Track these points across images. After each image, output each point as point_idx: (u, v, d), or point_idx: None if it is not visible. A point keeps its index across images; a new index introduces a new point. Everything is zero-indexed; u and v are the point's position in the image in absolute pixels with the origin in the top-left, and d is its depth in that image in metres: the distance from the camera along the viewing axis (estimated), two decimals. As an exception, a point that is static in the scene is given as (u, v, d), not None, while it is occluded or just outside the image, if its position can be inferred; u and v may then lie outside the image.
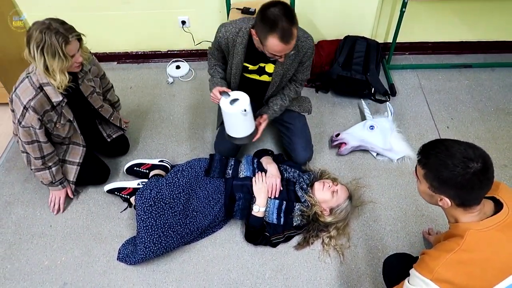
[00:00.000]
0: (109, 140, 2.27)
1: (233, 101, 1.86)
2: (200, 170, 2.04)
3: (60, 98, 1.86)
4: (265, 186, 1.98)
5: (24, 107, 1.80)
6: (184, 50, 3.05)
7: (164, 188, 1.91)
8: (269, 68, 1.99)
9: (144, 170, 2.23)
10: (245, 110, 1.83)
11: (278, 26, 1.64)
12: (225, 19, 2.75)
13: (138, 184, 2.16)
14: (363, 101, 2.60)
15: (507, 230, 1.21)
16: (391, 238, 2.05)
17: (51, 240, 2.06)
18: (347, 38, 2.79)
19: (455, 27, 2.96)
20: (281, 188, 2.01)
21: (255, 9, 2.55)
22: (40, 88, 1.81)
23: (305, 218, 1.99)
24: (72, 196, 2.18)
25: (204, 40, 2.95)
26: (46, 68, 1.74)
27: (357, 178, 2.30)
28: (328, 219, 1.98)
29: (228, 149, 2.23)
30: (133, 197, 2.05)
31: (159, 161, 2.29)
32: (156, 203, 1.86)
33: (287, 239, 2.02)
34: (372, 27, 2.92)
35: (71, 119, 2.01)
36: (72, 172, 2.13)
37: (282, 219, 1.97)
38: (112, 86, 2.34)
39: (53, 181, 2.06)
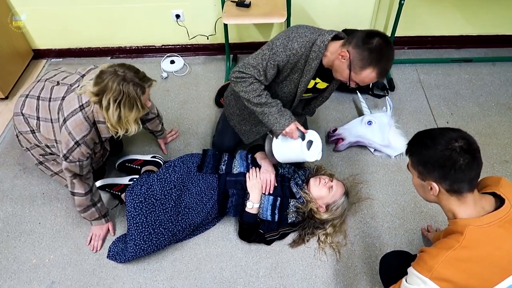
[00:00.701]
0: (103, 140, 2.21)
1: (309, 143, 1.84)
2: (192, 165, 1.98)
3: (111, 134, 1.78)
4: (259, 182, 1.93)
5: (76, 143, 1.69)
6: (178, 45, 2.99)
7: (155, 184, 1.85)
8: (321, 84, 1.88)
9: (136, 166, 2.18)
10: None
11: (381, 62, 1.53)
12: (219, 13, 2.69)
13: (130, 181, 2.12)
14: (360, 96, 2.54)
15: (509, 226, 1.16)
16: (389, 236, 1.99)
17: (40, 237, 2.01)
18: (344, 31, 2.72)
19: (455, 20, 2.90)
20: (276, 184, 1.96)
21: (250, 2, 2.49)
22: (94, 123, 1.72)
23: (300, 215, 1.94)
24: (113, 234, 2.00)
25: (199, 34, 2.89)
26: (119, 119, 1.65)
27: (354, 174, 2.25)
28: (324, 216, 1.92)
29: (228, 147, 2.18)
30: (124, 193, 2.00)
31: (152, 157, 2.23)
32: (147, 200, 1.81)
33: (282, 236, 1.96)
34: (370, 20, 2.86)
35: (108, 148, 1.97)
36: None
37: (276, 216, 1.92)
38: (156, 116, 2.16)
39: (99, 217, 1.94)
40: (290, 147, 1.79)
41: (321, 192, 1.93)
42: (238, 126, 2.13)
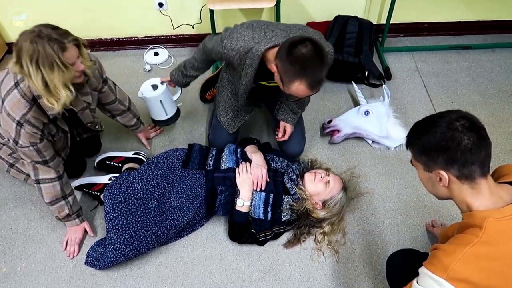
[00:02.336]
0: (78, 138, 2.03)
1: (154, 86, 2.05)
2: (177, 161, 1.82)
3: (57, 110, 1.56)
4: (250, 178, 1.77)
5: (18, 123, 1.52)
6: (162, 36, 2.83)
7: (135, 182, 1.68)
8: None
9: (117, 164, 2.01)
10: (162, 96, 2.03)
11: (308, 71, 1.38)
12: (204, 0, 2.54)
13: (110, 179, 1.95)
14: (355, 85, 2.40)
15: None
16: (391, 232, 1.85)
17: (11, 244, 1.83)
18: (338, 18, 2.59)
19: (453, 6, 2.78)
20: (268, 180, 1.80)
21: (236, -14, 2.34)
22: (34, 100, 1.54)
23: (295, 213, 1.79)
24: (92, 235, 1.84)
25: (183, 23, 2.73)
26: (46, 84, 1.45)
27: (351, 167, 2.10)
28: (321, 214, 1.78)
29: (225, 142, 1.99)
30: (104, 193, 1.83)
31: (134, 154, 2.07)
32: (127, 199, 1.64)
33: (276, 236, 1.81)
34: (364, 7, 2.73)
35: (67, 129, 1.77)
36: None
37: (269, 214, 1.76)
38: (127, 109, 2.03)
39: (70, 214, 1.76)
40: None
41: (318, 187, 1.79)
42: (224, 115, 2.00)
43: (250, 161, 1.85)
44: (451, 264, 1.00)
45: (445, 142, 1.04)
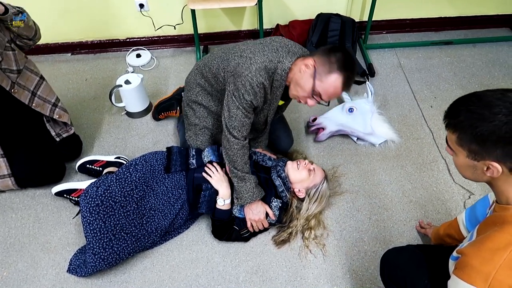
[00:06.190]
0: (58, 139, 1.99)
1: (127, 82, 2.22)
2: (156, 163, 1.77)
3: None
4: (223, 175, 1.75)
5: None
6: (144, 37, 2.79)
7: (113, 185, 1.64)
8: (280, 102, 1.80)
9: (97, 168, 1.97)
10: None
11: (347, 71, 1.51)
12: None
13: (91, 185, 1.90)
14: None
15: None
16: (378, 229, 1.85)
17: (-9, 253, 1.79)
18: (320, 16, 2.58)
19: (434, 2, 2.80)
20: None
21: (217, -15, 2.32)
22: None
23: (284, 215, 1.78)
24: None
25: (165, 24, 2.69)
26: None
27: (336, 165, 2.10)
28: (313, 208, 1.78)
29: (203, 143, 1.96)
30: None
31: (116, 158, 2.03)
32: (104, 202, 1.60)
33: (260, 230, 1.79)
34: (346, 4, 2.73)
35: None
36: (2, 165, 1.86)
37: None
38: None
39: None
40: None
41: (301, 175, 1.77)
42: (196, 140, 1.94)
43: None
44: (491, 272, 0.91)
45: (508, 134, 0.90)
